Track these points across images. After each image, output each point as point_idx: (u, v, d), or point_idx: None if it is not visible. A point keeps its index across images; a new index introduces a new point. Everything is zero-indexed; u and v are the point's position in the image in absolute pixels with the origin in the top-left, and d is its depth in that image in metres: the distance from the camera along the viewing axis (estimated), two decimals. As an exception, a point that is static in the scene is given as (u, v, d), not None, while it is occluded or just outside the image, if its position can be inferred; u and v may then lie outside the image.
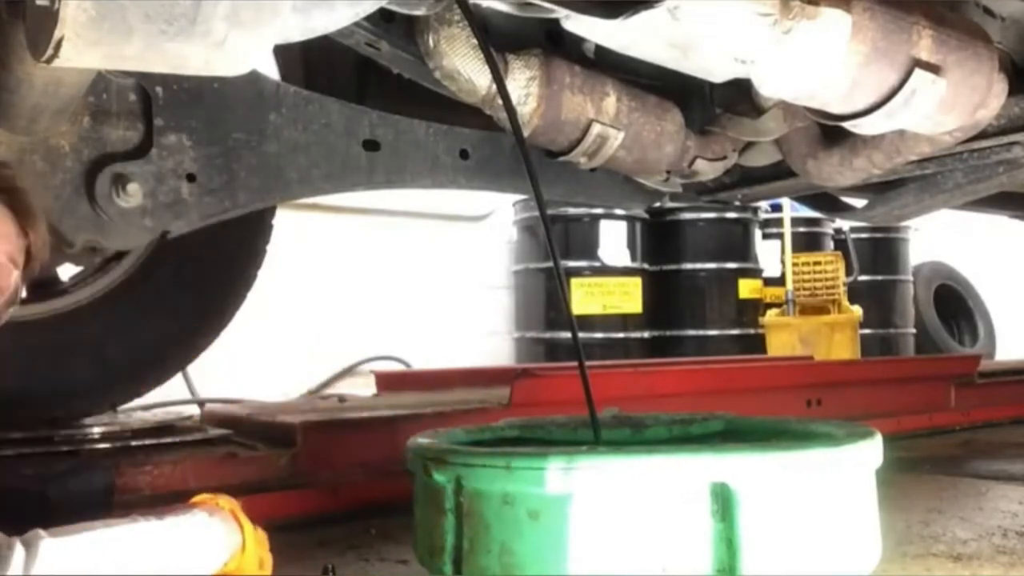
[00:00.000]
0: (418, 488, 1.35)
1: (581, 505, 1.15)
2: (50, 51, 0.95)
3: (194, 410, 3.30)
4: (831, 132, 2.08)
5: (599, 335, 5.89)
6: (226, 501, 1.26)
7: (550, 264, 5.91)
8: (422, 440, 1.43)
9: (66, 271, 2.43)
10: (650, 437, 1.55)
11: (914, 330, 7.50)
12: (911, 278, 7.58)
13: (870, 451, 1.29)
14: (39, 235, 1.27)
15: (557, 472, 1.15)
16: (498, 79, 1.55)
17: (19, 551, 0.97)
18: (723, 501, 1.14)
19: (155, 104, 1.88)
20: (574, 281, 5.87)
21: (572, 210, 5.88)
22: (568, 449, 1.32)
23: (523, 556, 1.16)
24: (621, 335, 5.96)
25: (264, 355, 4.96)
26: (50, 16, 0.92)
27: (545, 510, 1.16)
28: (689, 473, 1.15)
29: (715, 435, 1.60)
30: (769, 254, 6.60)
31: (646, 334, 6.10)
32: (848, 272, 6.65)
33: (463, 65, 1.67)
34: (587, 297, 5.89)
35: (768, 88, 1.64)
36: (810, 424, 1.54)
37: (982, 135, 1.98)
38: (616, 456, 1.20)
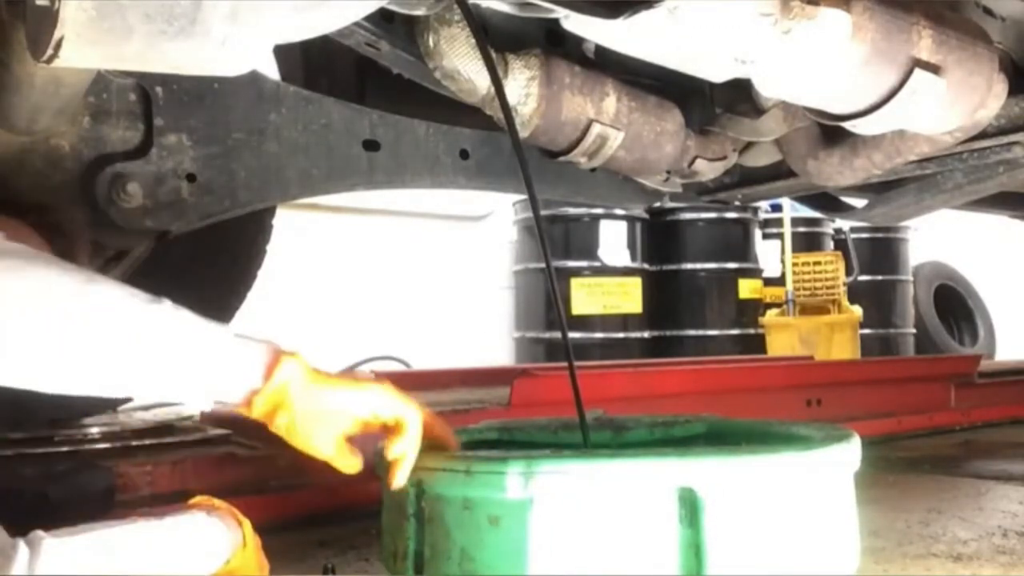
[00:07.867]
0: (385, 492, 1.31)
1: (542, 511, 1.10)
2: (50, 51, 0.94)
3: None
4: (831, 132, 2.08)
5: (599, 335, 5.89)
6: (220, 502, 1.26)
7: (550, 264, 5.91)
8: (389, 443, 1.40)
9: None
10: (631, 440, 1.51)
11: (914, 330, 7.51)
12: (911, 278, 7.58)
13: (845, 454, 1.26)
14: None
15: (517, 477, 1.11)
16: (495, 79, 1.55)
17: (23, 551, 0.97)
18: (690, 506, 1.10)
19: (155, 104, 1.88)
20: (574, 281, 5.86)
21: (572, 210, 5.87)
22: (530, 453, 1.29)
23: (483, 563, 1.12)
24: (621, 335, 5.96)
25: (264, 355, 4.95)
26: (50, 16, 0.92)
27: (506, 516, 1.11)
28: (655, 478, 1.11)
29: (698, 437, 1.58)
30: (769, 254, 6.60)
31: (646, 334, 6.10)
32: (848, 272, 6.65)
33: (463, 65, 1.67)
34: (587, 297, 5.88)
35: (768, 88, 1.64)
36: (792, 427, 1.50)
37: (982, 135, 1.98)
38: (578, 460, 1.15)
